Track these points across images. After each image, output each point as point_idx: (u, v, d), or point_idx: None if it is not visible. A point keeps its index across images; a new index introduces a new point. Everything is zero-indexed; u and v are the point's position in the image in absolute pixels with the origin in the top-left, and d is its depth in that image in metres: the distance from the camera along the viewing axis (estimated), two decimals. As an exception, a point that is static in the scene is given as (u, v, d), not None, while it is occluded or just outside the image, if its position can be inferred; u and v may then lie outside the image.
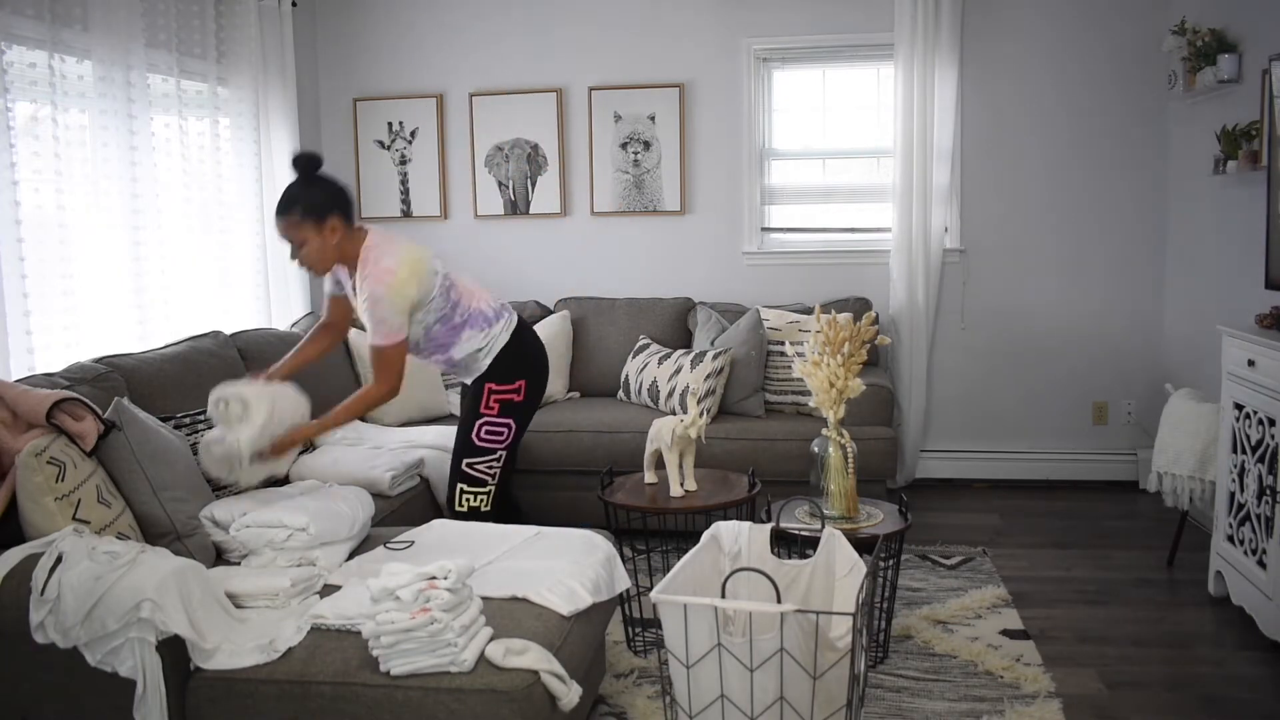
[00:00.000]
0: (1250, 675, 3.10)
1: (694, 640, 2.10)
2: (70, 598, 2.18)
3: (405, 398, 4.49)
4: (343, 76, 5.46)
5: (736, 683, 2.08)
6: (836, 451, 3.20)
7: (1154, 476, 3.90)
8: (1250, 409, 3.31)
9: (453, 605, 2.17)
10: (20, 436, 2.50)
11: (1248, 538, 3.31)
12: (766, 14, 5.10)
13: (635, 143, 5.24)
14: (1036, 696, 2.94)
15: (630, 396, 4.75)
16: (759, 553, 2.57)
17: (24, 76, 3.39)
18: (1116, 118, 4.94)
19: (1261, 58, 3.78)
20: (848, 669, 2.14)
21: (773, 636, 2.05)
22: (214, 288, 4.41)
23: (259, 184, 4.68)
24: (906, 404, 5.05)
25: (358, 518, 2.89)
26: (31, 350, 3.31)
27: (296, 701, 2.17)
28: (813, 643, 2.06)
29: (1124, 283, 5.04)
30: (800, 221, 5.32)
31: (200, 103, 4.36)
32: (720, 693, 2.11)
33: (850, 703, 2.15)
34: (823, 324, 3.23)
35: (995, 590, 3.72)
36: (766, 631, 2.07)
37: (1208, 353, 4.15)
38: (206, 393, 3.34)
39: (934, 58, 4.87)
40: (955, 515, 4.70)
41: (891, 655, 3.21)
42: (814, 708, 2.11)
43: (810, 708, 2.11)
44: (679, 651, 2.13)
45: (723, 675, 2.09)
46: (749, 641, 2.06)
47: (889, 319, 5.02)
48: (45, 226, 3.43)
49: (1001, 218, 5.09)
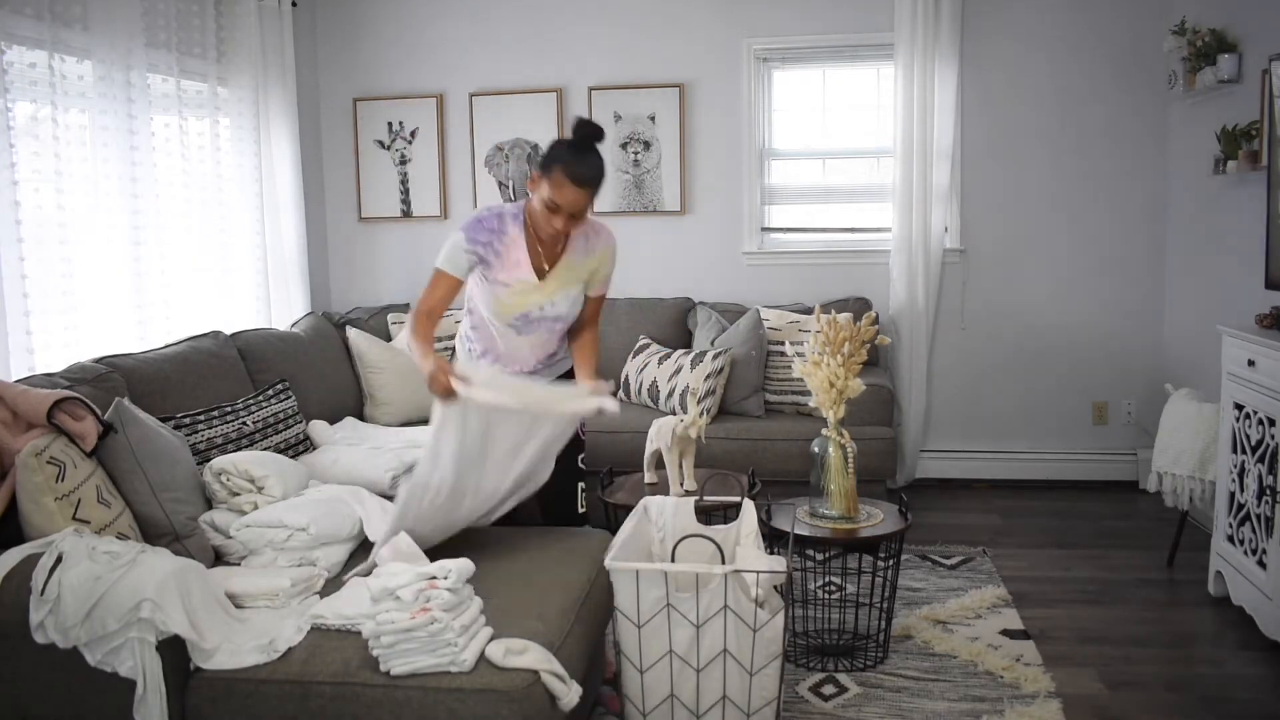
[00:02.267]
0: (1250, 675, 3.10)
1: (643, 602, 2.35)
2: (70, 598, 2.18)
3: (405, 398, 4.52)
4: (343, 76, 5.46)
5: (684, 639, 2.37)
6: (836, 451, 3.20)
7: (1154, 476, 3.90)
8: (1250, 409, 3.31)
9: (453, 605, 2.17)
10: (20, 436, 2.50)
11: (1248, 538, 3.31)
12: (766, 14, 5.10)
13: (635, 143, 5.24)
14: (1036, 696, 2.94)
15: (630, 396, 4.75)
16: (684, 523, 2.82)
17: (24, 76, 3.39)
18: (1116, 117, 4.94)
19: (1261, 58, 3.78)
20: (782, 623, 2.42)
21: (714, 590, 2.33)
22: (214, 288, 4.41)
23: (259, 184, 4.68)
24: (906, 404, 5.05)
25: (358, 518, 2.89)
26: (31, 350, 3.31)
27: (296, 701, 2.17)
28: (747, 598, 2.35)
29: (1124, 283, 5.04)
30: (800, 221, 5.32)
31: (200, 103, 4.36)
32: (669, 649, 2.34)
33: (784, 653, 2.47)
34: (823, 324, 3.23)
35: (995, 590, 3.72)
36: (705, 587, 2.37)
37: (1208, 353, 4.15)
38: (206, 393, 3.36)
39: (934, 58, 4.87)
40: (955, 515, 4.70)
41: (891, 655, 3.22)
42: (754, 658, 2.39)
43: (750, 659, 2.39)
44: (630, 613, 2.33)
45: (671, 632, 2.34)
46: (695, 600, 2.30)
47: (889, 319, 5.02)
48: (45, 226, 3.43)
49: (1001, 218, 5.09)
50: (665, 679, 2.35)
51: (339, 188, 5.54)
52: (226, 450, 3.15)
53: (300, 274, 4.97)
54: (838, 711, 2.91)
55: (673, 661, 2.32)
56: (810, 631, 3.34)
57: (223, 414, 3.28)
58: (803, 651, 3.23)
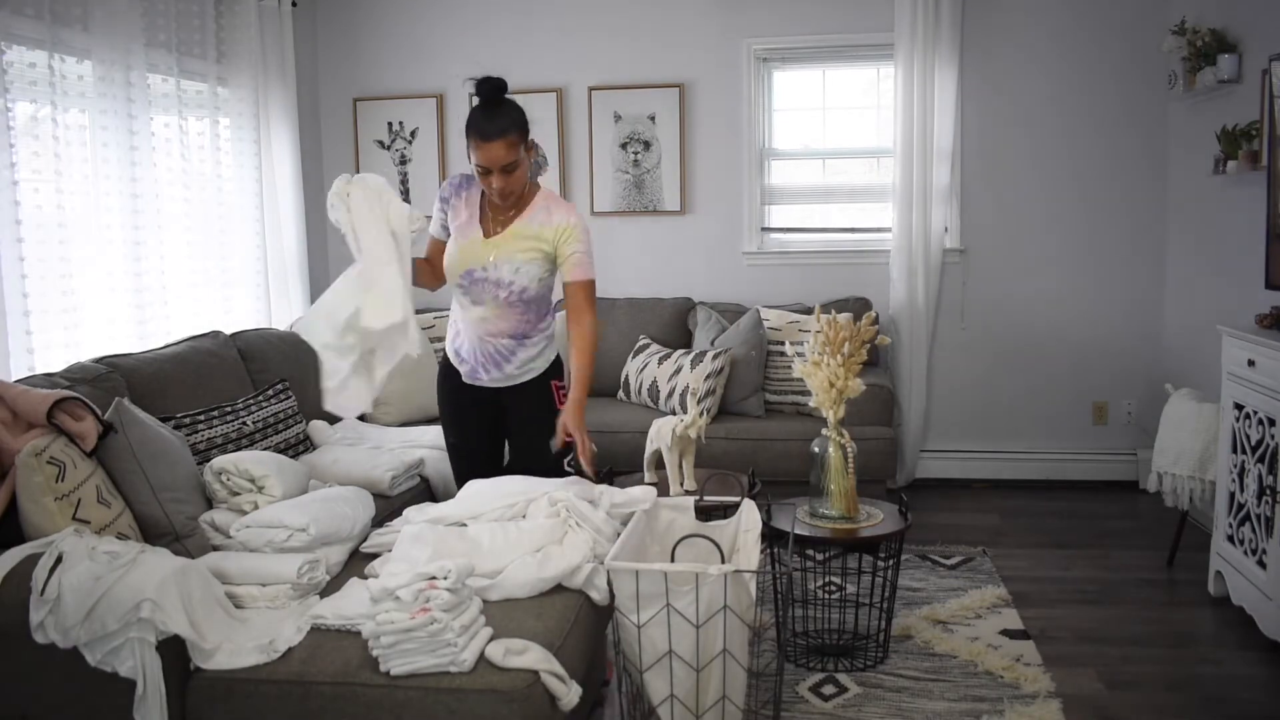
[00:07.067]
0: (1250, 675, 3.10)
1: (643, 601, 2.33)
2: (70, 598, 2.18)
3: (405, 398, 4.52)
4: (343, 76, 5.46)
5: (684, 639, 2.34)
6: (836, 451, 3.20)
7: (1154, 476, 3.90)
8: (1250, 409, 3.31)
9: (453, 605, 2.17)
10: (20, 436, 2.50)
11: (1248, 538, 3.31)
12: (766, 14, 5.10)
13: (635, 143, 5.24)
14: (1036, 696, 2.94)
15: (630, 396, 4.75)
16: (686, 523, 2.81)
17: (24, 76, 3.39)
18: (1116, 118, 4.94)
19: (1261, 58, 3.78)
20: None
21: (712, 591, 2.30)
22: (214, 288, 4.41)
23: (259, 184, 4.68)
24: (906, 404, 5.05)
25: (358, 518, 2.89)
26: (31, 350, 3.31)
27: (296, 701, 2.17)
28: (747, 598, 2.32)
29: (1124, 283, 5.03)
30: (800, 221, 5.32)
31: (200, 103, 4.36)
32: (669, 648, 2.32)
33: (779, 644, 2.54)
34: (823, 324, 3.22)
35: (995, 590, 3.72)
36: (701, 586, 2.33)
37: (1208, 353, 4.15)
38: (206, 393, 3.35)
39: (934, 58, 4.87)
40: (955, 515, 4.70)
41: (891, 655, 3.21)
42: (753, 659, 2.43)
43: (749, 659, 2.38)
44: (630, 613, 2.32)
45: (670, 632, 2.32)
46: (695, 600, 2.29)
47: (889, 319, 5.02)
48: (45, 226, 3.43)
49: (1001, 218, 5.09)
50: (665, 679, 2.35)
51: (339, 188, 5.53)
52: (226, 450, 3.15)
53: (300, 274, 4.97)
54: (838, 711, 2.91)
55: (672, 661, 2.32)
56: (810, 631, 3.33)
57: (223, 414, 3.28)
58: (803, 651, 3.23)
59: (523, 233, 2.94)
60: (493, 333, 3.02)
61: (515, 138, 2.83)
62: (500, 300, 2.97)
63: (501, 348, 3.03)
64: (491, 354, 3.04)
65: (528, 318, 3.03)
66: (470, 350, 3.06)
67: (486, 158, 2.81)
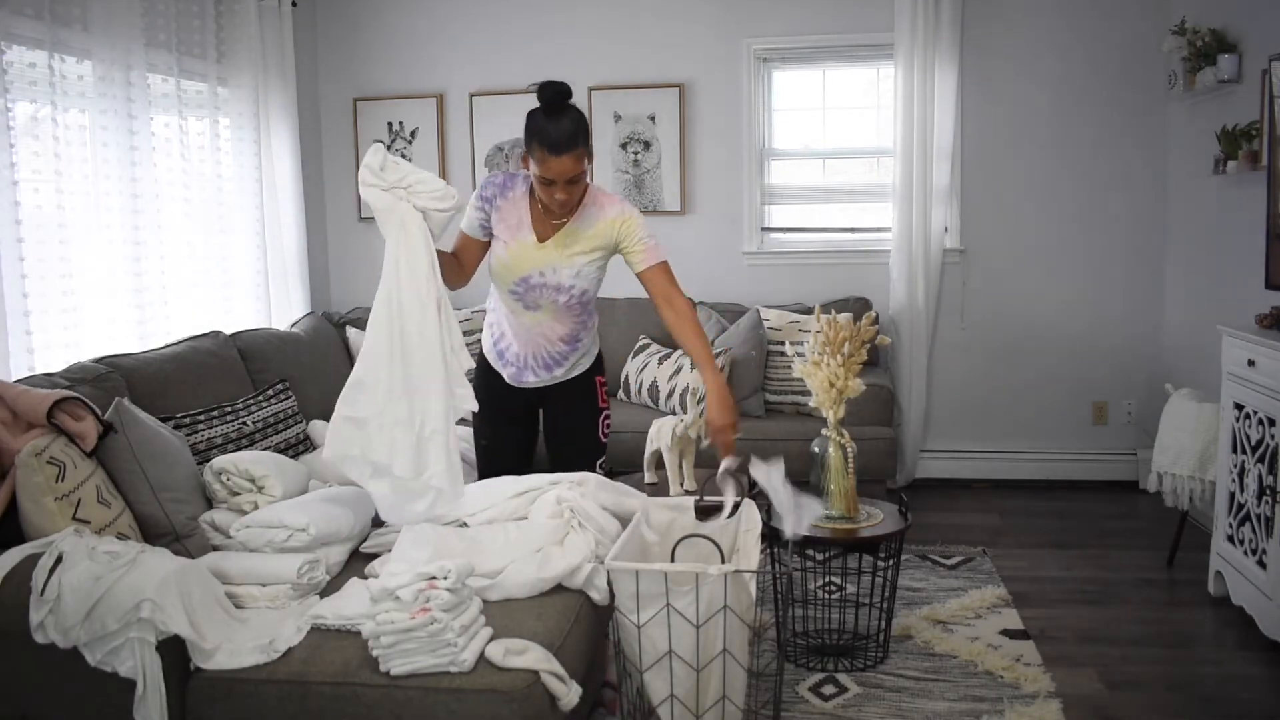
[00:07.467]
0: (1250, 675, 3.10)
1: (643, 601, 2.31)
2: (70, 598, 2.18)
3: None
4: (343, 76, 5.46)
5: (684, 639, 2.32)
6: (836, 451, 3.20)
7: (1154, 476, 3.90)
8: (1250, 409, 3.31)
9: (453, 605, 2.17)
10: (20, 436, 2.50)
11: (1248, 538, 3.31)
12: (766, 14, 5.10)
13: (635, 143, 5.24)
14: (1036, 696, 2.94)
15: (630, 396, 4.75)
16: (685, 523, 2.77)
17: (24, 76, 3.39)
18: (1116, 118, 4.94)
19: (1261, 58, 3.78)
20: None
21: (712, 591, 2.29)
22: (214, 288, 4.41)
23: (259, 184, 4.68)
24: (906, 404, 5.05)
25: (358, 518, 2.89)
26: (31, 350, 3.31)
27: (296, 701, 2.17)
28: (747, 598, 2.32)
29: (1124, 283, 5.04)
30: (800, 221, 5.32)
31: (200, 103, 4.36)
32: (669, 648, 2.31)
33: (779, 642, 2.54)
34: (823, 324, 3.23)
35: (995, 590, 3.72)
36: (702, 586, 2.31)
37: (1208, 353, 4.15)
38: (206, 393, 3.35)
39: (934, 58, 4.87)
40: (955, 515, 4.70)
41: (891, 655, 3.22)
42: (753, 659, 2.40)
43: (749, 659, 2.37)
44: (630, 613, 2.32)
45: (670, 632, 2.31)
46: (695, 600, 2.28)
47: (889, 319, 5.02)
48: (45, 226, 3.43)
49: (1001, 218, 5.09)
50: (665, 679, 2.35)
51: (339, 188, 5.53)
52: (226, 450, 3.15)
53: (300, 274, 4.97)
54: (838, 711, 2.91)
55: (672, 661, 2.32)
56: (810, 631, 3.33)
57: (223, 414, 3.28)
58: (803, 651, 3.23)
59: (580, 233, 2.84)
60: (549, 337, 2.94)
61: (584, 149, 2.71)
62: (560, 305, 2.88)
63: (556, 353, 2.96)
64: (544, 358, 2.96)
65: (583, 319, 2.98)
66: (518, 354, 2.98)
67: (555, 170, 2.66)
